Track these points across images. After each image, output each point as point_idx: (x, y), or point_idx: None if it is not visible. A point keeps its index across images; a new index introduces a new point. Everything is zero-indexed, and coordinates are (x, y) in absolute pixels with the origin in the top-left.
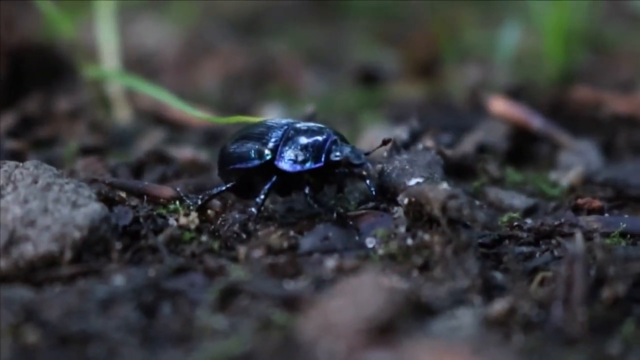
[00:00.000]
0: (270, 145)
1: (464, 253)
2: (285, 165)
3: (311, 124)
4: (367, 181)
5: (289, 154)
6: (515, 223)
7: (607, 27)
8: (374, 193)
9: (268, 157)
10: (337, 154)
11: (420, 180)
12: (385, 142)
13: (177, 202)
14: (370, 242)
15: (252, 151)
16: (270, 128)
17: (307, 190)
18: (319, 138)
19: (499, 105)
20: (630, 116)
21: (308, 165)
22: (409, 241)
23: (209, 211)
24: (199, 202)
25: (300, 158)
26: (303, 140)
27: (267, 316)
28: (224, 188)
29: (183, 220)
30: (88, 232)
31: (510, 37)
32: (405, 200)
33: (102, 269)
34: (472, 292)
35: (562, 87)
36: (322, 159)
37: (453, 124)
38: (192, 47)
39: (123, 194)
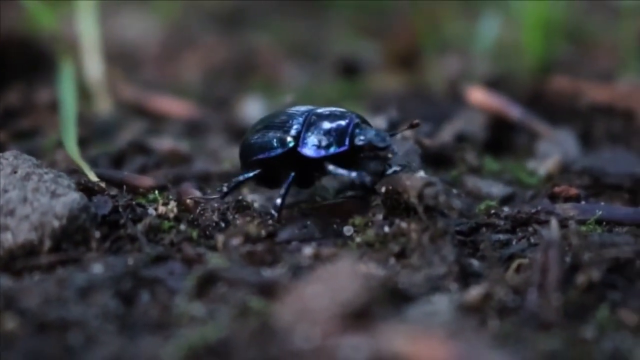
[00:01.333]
0: (293, 132)
1: (441, 240)
2: (309, 151)
3: (332, 108)
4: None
5: (312, 139)
6: (493, 211)
7: (586, 19)
8: (397, 169)
9: (291, 145)
10: (362, 137)
11: (397, 168)
12: (413, 125)
13: (156, 192)
14: (347, 230)
15: (275, 140)
16: (290, 116)
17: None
18: (342, 122)
19: (478, 95)
20: (607, 106)
21: (332, 149)
22: (386, 229)
23: (188, 200)
24: (225, 189)
25: (324, 143)
26: (325, 125)
27: (245, 303)
28: (250, 175)
29: (162, 209)
30: (67, 221)
31: (489, 28)
32: (383, 189)
33: (81, 258)
34: (448, 278)
35: (540, 77)
36: (347, 143)
37: (432, 114)
38: (174, 39)
39: (102, 184)
